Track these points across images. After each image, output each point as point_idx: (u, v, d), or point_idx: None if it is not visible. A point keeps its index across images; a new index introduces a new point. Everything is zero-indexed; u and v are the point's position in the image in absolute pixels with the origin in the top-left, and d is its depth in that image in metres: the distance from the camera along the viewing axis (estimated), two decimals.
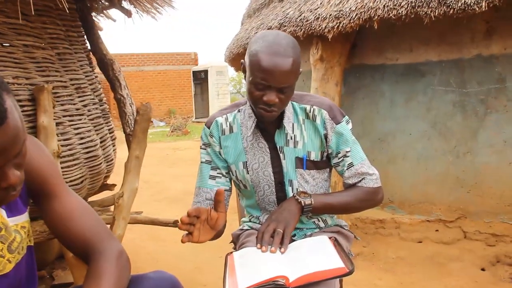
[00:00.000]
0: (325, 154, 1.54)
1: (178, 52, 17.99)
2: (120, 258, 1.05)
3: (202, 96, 15.91)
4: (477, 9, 2.68)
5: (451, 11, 2.76)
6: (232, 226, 1.80)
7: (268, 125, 1.52)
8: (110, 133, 2.61)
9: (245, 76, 1.45)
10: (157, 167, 7.69)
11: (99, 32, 2.75)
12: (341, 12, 3.23)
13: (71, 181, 2.13)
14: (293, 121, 1.52)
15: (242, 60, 1.46)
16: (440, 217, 3.44)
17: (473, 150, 3.28)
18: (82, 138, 2.21)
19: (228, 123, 1.58)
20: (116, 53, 15.26)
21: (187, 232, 1.26)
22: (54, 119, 1.98)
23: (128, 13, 2.61)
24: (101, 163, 2.38)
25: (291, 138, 1.51)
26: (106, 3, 2.68)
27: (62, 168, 2.07)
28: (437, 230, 3.44)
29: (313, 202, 1.46)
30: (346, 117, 1.53)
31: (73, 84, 2.21)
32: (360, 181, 1.52)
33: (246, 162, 1.56)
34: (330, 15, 3.30)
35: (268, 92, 1.35)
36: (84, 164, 2.25)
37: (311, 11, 3.48)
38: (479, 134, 3.24)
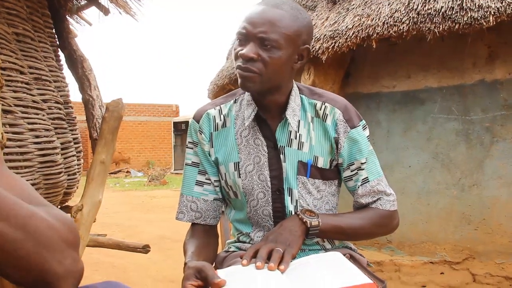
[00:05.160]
0: (334, 162, 1.25)
1: (160, 104, 17.91)
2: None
3: (182, 147, 15.72)
4: (485, 23, 2.50)
5: (456, 26, 2.58)
6: None
7: (266, 111, 1.22)
8: (75, 143, 2.24)
9: None
10: (131, 212, 7.22)
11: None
12: (337, 31, 3.04)
13: None
14: (300, 117, 1.23)
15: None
16: (445, 258, 3.08)
17: (479, 183, 3.00)
18: (37, 137, 1.83)
19: (222, 116, 1.28)
20: None
21: None
22: (3, 104, 1.62)
23: (105, 11, 2.34)
24: (60, 172, 1.99)
25: (296, 138, 1.22)
26: (83, 1, 2.41)
27: (9, 169, 1.68)
28: (442, 273, 3.07)
29: (320, 224, 1.15)
30: (364, 121, 1.25)
31: (32, 73, 1.86)
32: (375, 201, 1.25)
33: (238, 163, 1.24)
34: (325, 35, 3.11)
35: (247, 45, 1.10)
36: (38, 170, 1.86)
37: None
38: (486, 165, 2.98)
